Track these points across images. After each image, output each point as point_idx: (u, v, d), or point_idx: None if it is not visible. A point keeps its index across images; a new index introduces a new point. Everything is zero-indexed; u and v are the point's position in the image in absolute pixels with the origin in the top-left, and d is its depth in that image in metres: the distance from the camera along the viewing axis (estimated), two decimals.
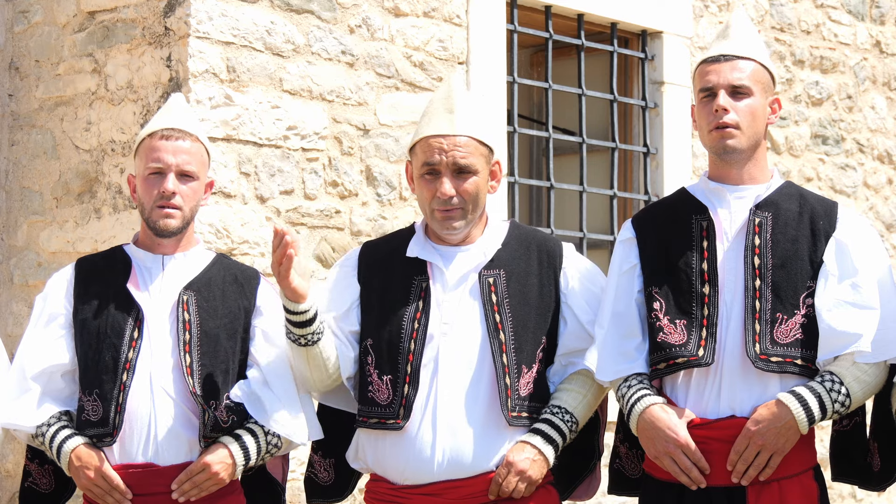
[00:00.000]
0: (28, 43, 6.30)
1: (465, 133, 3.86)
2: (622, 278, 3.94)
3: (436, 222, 3.89)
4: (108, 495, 3.81)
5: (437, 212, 3.87)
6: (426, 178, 3.87)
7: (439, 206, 3.85)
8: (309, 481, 4.14)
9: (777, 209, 3.85)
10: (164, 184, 3.88)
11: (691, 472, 3.75)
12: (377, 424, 3.86)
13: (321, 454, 4.09)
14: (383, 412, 3.85)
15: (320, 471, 4.11)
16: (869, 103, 8.45)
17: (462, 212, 3.87)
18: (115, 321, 3.88)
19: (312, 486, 4.14)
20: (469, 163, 3.85)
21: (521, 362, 3.87)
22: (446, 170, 3.84)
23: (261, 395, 3.90)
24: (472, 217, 3.90)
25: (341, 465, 4.06)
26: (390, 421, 3.83)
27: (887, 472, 3.93)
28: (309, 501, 4.19)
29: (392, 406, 3.84)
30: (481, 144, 3.89)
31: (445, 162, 3.84)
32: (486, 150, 3.90)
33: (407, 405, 3.82)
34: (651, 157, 7.49)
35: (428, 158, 3.86)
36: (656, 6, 7.44)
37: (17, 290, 6.26)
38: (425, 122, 3.91)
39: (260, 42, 5.89)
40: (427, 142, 3.87)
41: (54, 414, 3.89)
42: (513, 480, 3.81)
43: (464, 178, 3.85)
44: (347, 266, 4.03)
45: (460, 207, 3.86)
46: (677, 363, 3.79)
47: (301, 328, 3.78)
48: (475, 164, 3.86)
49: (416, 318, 3.87)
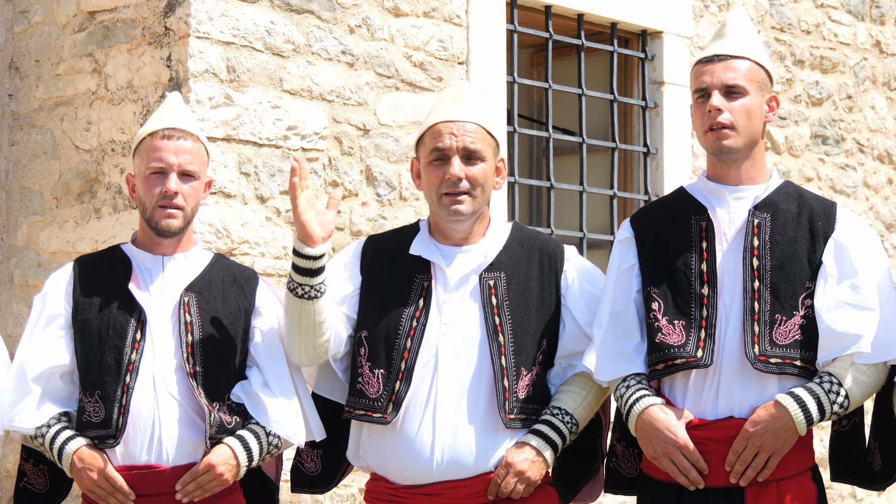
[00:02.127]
0: (28, 43, 6.30)
1: (475, 120, 3.89)
2: (620, 278, 3.94)
3: (443, 209, 3.89)
4: (112, 496, 3.80)
5: (445, 196, 3.87)
6: (434, 165, 3.88)
7: (448, 188, 3.85)
8: (295, 470, 4.15)
9: (776, 210, 3.85)
10: (167, 183, 3.87)
11: (690, 472, 3.75)
12: (363, 417, 3.85)
13: (308, 444, 4.09)
14: (371, 405, 3.84)
15: (307, 461, 4.12)
16: (869, 103, 8.45)
17: (470, 196, 3.87)
18: (116, 322, 3.88)
19: (298, 475, 4.15)
20: (478, 148, 3.87)
21: (521, 365, 3.87)
22: (455, 154, 3.86)
23: (261, 396, 3.91)
24: (479, 205, 3.90)
25: (328, 456, 4.06)
26: (377, 415, 3.83)
27: (888, 472, 3.93)
28: (294, 490, 4.20)
29: (381, 400, 3.84)
30: (489, 135, 3.91)
31: (455, 146, 3.86)
32: (493, 141, 3.93)
33: (396, 401, 3.82)
34: (651, 157, 7.49)
35: (437, 143, 3.87)
36: (656, 6, 7.44)
37: (17, 290, 6.26)
38: (433, 114, 3.94)
39: (260, 42, 5.90)
40: (436, 127, 3.89)
41: (54, 415, 3.88)
42: (511, 481, 3.81)
43: (472, 163, 3.87)
44: (351, 256, 4.03)
45: (468, 192, 3.86)
46: (676, 364, 3.79)
47: (305, 276, 3.75)
48: (483, 150, 3.88)
49: (415, 316, 3.87)
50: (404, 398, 3.83)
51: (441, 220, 3.93)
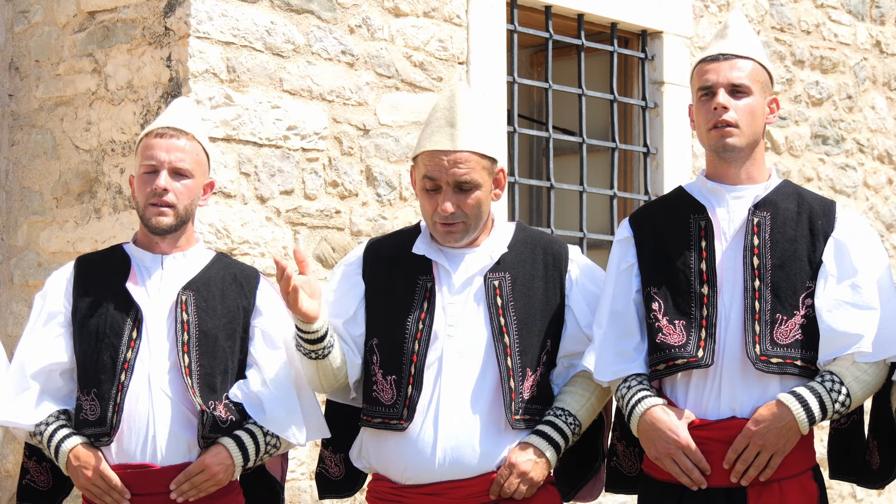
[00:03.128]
0: (28, 43, 6.30)
1: (467, 148, 3.83)
2: (620, 277, 3.93)
3: (438, 234, 3.90)
4: (107, 495, 3.81)
5: (440, 225, 3.86)
6: (428, 192, 3.86)
7: (440, 219, 3.85)
8: (320, 477, 4.14)
9: (776, 209, 3.85)
10: (157, 180, 3.89)
11: (692, 473, 3.75)
12: (381, 424, 3.86)
13: (331, 449, 4.09)
14: (387, 412, 3.85)
15: (331, 466, 4.11)
16: (869, 103, 8.45)
17: (464, 226, 3.86)
18: (113, 321, 3.88)
19: (324, 481, 4.14)
20: (470, 178, 3.83)
21: (526, 365, 3.87)
22: (447, 186, 3.83)
23: (260, 396, 3.91)
24: (475, 229, 3.90)
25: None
26: (394, 421, 3.83)
27: (886, 470, 3.93)
28: (321, 497, 4.20)
29: (396, 406, 3.84)
30: (483, 158, 3.86)
31: (446, 179, 3.82)
32: (488, 162, 3.87)
33: (410, 406, 3.82)
34: (651, 157, 7.49)
35: (429, 172, 3.84)
36: (656, 6, 7.44)
37: (17, 290, 6.26)
38: (427, 133, 3.88)
39: (260, 42, 5.90)
40: (428, 155, 3.85)
41: (53, 413, 3.89)
42: (514, 481, 3.81)
43: (465, 195, 3.84)
44: (352, 265, 4.03)
45: (462, 222, 3.85)
46: (677, 364, 3.79)
47: (312, 344, 3.79)
48: (477, 178, 3.84)
49: (420, 318, 3.87)
50: (417, 402, 3.83)
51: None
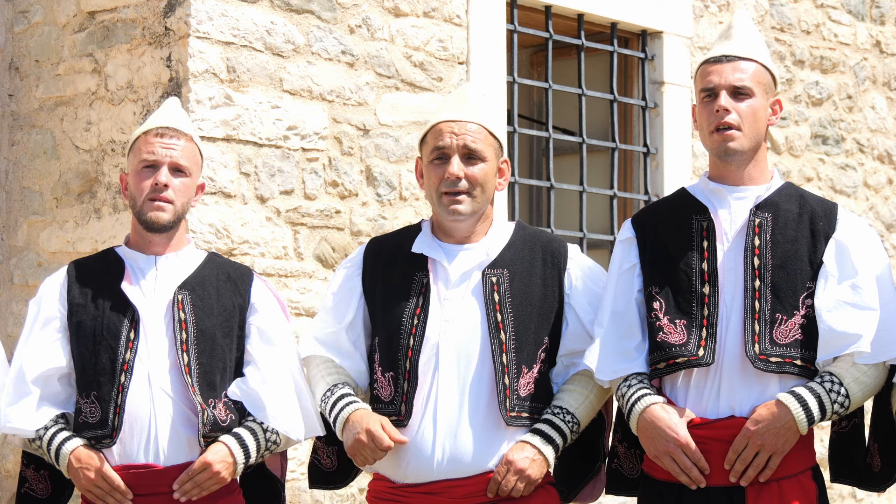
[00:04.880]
0: (28, 43, 6.30)
1: (477, 120, 3.91)
2: (622, 277, 3.94)
3: (442, 208, 3.90)
4: (109, 496, 3.81)
5: (445, 196, 3.88)
6: (435, 164, 3.90)
7: (447, 187, 3.86)
8: (312, 468, 4.16)
9: (777, 210, 3.85)
10: (157, 175, 3.90)
11: (691, 471, 3.75)
12: None
13: (324, 441, 4.11)
14: (386, 409, 3.86)
15: (323, 457, 4.13)
16: (869, 103, 8.45)
17: (469, 196, 3.87)
18: (110, 322, 3.89)
19: (316, 472, 4.16)
20: (479, 147, 3.88)
21: (522, 362, 3.87)
22: (456, 153, 3.87)
23: (258, 393, 3.92)
24: (479, 205, 3.90)
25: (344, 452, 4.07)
26: (393, 418, 3.84)
27: (887, 473, 3.93)
28: (312, 487, 4.20)
29: (394, 403, 3.85)
30: (491, 136, 3.92)
31: (455, 145, 3.87)
32: (495, 142, 3.94)
33: (408, 402, 3.83)
34: (651, 157, 7.49)
35: (438, 142, 3.89)
36: (656, 6, 7.44)
37: (17, 290, 6.26)
38: (437, 115, 3.96)
39: (260, 42, 5.89)
40: (438, 127, 3.91)
41: (52, 417, 3.89)
42: (512, 479, 3.81)
43: (473, 163, 3.88)
44: (351, 266, 4.05)
45: (467, 191, 3.87)
46: (677, 363, 3.79)
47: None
48: (485, 150, 3.89)
49: (415, 314, 3.88)
50: (414, 398, 3.83)
51: (442, 219, 3.94)
